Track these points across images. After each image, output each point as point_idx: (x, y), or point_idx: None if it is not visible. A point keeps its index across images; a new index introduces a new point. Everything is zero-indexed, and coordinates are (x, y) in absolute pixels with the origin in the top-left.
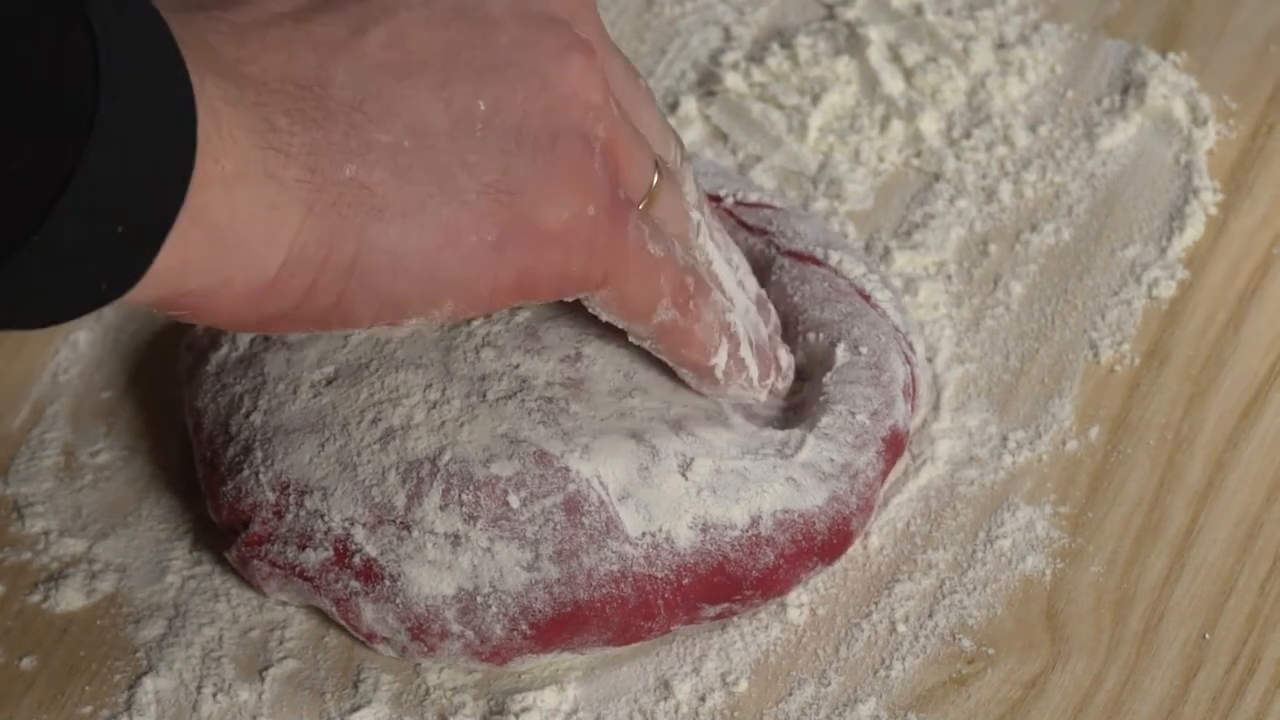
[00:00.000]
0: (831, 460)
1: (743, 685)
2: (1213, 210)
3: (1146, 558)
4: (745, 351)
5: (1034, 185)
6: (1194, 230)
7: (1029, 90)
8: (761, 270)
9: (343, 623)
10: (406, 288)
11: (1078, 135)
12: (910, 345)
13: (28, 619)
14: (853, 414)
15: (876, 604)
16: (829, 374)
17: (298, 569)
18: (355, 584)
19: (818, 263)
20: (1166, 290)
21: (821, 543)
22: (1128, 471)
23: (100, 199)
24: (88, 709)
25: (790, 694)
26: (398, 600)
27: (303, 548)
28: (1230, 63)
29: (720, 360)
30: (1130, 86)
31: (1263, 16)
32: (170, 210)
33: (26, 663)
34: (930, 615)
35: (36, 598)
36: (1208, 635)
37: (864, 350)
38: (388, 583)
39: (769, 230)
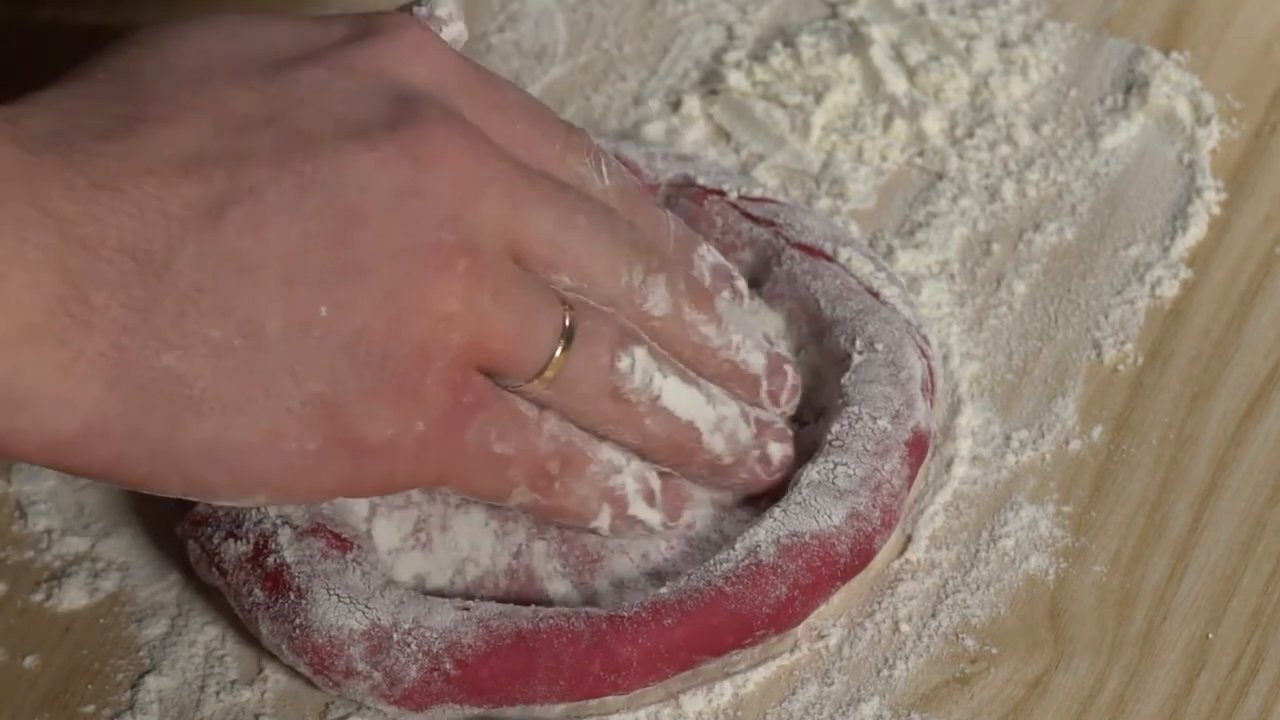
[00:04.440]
0: (849, 475)
1: (748, 685)
2: (1216, 209)
3: (1150, 557)
4: (638, 509)
5: (1037, 184)
6: (1197, 229)
7: (1032, 89)
8: (769, 259)
9: (250, 629)
10: (218, 478)
11: (1081, 134)
12: (925, 339)
13: (30, 618)
14: (874, 419)
15: (879, 603)
16: (846, 375)
17: (217, 558)
18: (259, 593)
19: (827, 258)
20: (1170, 290)
21: (844, 566)
22: (1131, 471)
23: None
24: (90, 708)
25: (794, 693)
26: (296, 622)
27: (228, 536)
28: (1233, 61)
29: (603, 523)
30: (1133, 85)
31: (1266, 15)
32: None
33: (29, 661)
34: (933, 615)
35: (39, 596)
36: (1211, 635)
37: (880, 347)
38: (292, 598)
39: (775, 223)
